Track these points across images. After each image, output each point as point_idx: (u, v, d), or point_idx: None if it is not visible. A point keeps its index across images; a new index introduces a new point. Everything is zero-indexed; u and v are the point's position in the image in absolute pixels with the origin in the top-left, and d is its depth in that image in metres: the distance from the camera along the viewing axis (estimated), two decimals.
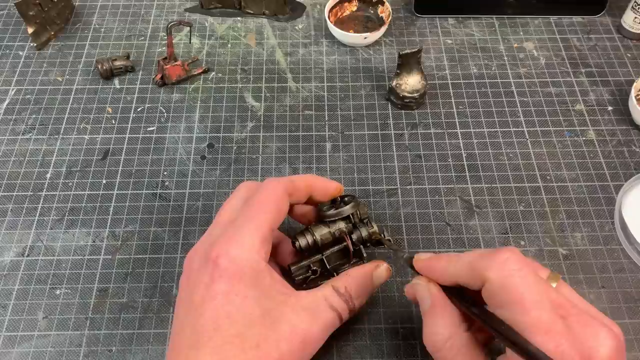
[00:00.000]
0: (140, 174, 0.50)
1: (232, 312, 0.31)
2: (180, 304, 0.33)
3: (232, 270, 0.31)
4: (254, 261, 0.32)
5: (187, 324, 0.31)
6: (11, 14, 0.64)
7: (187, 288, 0.33)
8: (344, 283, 0.36)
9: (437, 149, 0.52)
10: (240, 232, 0.33)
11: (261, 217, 0.34)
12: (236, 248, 0.32)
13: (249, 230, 0.33)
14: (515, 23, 0.63)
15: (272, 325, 0.31)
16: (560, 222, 0.47)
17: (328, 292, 0.35)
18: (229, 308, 0.31)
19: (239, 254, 0.32)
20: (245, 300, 0.31)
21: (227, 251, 0.32)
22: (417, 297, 0.34)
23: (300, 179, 0.38)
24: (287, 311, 0.32)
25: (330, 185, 0.39)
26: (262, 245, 0.33)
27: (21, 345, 0.41)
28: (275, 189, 0.36)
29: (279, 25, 0.63)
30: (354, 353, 0.40)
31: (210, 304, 0.31)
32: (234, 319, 0.30)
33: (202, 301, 0.31)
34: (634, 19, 0.59)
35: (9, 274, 0.44)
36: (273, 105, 0.55)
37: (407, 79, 0.53)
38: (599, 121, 0.54)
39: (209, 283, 0.31)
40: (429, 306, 0.32)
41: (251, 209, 0.34)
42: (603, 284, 0.44)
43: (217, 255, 0.32)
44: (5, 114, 0.54)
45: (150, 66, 0.59)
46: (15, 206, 0.48)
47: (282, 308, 0.32)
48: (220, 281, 0.31)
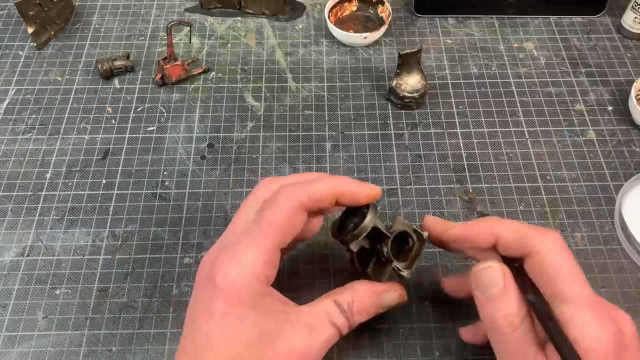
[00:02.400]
0: (140, 174, 0.50)
1: (227, 334, 0.30)
2: (189, 306, 0.33)
3: (229, 292, 0.31)
4: (253, 286, 0.31)
5: (187, 334, 0.32)
6: (11, 14, 0.64)
7: (195, 295, 0.33)
8: (347, 298, 0.34)
9: (437, 149, 0.52)
10: (243, 253, 0.32)
11: (267, 240, 0.32)
12: (235, 270, 0.31)
13: (252, 252, 0.32)
14: (515, 23, 0.63)
15: (270, 346, 0.31)
16: (560, 222, 0.47)
17: (330, 307, 0.34)
18: (224, 329, 0.30)
19: (237, 277, 0.31)
20: (242, 322, 0.30)
21: (226, 272, 0.31)
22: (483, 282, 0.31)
23: (323, 189, 0.33)
24: (286, 329, 0.32)
25: (362, 192, 0.34)
26: (265, 268, 0.32)
27: (21, 345, 0.41)
28: (289, 204, 0.33)
29: (279, 25, 0.63)
30: (354, 353, 0.40)
31: (208, 321, 0.30)
32: (229, 340, 0.30)
33: (201, 316, 0.31)
34: (634, 19, 0.59)
35: (9, 274, 0.44)
36: (273, 105, 0.55)
37: (407, 79, 0.53)
38: (599, 121, 0.54)
39: (208, 300, 0.31)
40: (501, 288, 0.30)
41: (259, 228, 0.32)
42: (603, 284, 0.44)
43: (216, 274, 0.31)
44: (5, 114, 0.54)
45: (150, 66, 0.59)
46: (15, 206, 0.48)
47: (281, 326, 0.32)
48: (217, 301, 0.30)
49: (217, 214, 0.48)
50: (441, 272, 0.44)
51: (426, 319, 0.42)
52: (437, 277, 0.44)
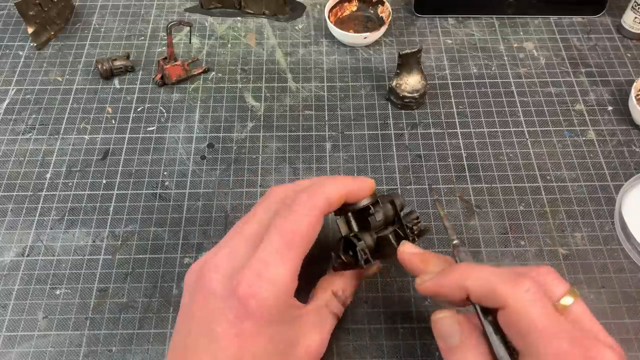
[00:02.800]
0: (140, 174, 0.50)
1: (257, 353, 0.30)
2: (193, 318, 0.31)
3: (261, 312, 0.30)
4: (282, 301, 0.31)
5: (205, 351, 0.30)
6: (11, 14, 0.64)
7: (205, 309, 0.31)
8: (341, 285, 0.36)
9: (437, 149, 0.52)
10: (273, 269, 0.30)
11: (293, 253, 0.31)
12: (268, 289, 0.30)
13: (281, 269, 0.31)
14: (515, 23, 0.63)
15: (291, 352, 0.32)
16: (560, 222, 0.47)
17: (329, 298, 0.35)
18: (254, 349, 0.30)
19: (270, 296, 0.30)
20: (271, 341, 0.31)
21: (258, 292, 0.30)
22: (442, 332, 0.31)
23: (336, 192, 0.34)
24: (302, 333, 0.33)
25: (364, 186, 0.35)
26: (293, 281, 0.31)
27: (21, 345, 0.41)
28: (311, 214, 0.32)
29: (279, 25, 0.63)
30: (354, 353, 0.40)
31: (235, 342, 0.30)
32: (257, 357, 0.30)
33: (225, 336, 0.30)
34: (634, 19, 0.59)
35: (9, 274, 0.44)
36: (273, 105, 0.55)
37: (407, 79, 0.53)
38: (599, 121, 0.54)
39: (235, 321, 0.30)
40: (457, 340, 0.30)
41: (282, 240, 0.31)
42: (603, 284, 0.44)
43: (246, 295, 0.30)
44: (5, 114, 0.54)
45: (150, 66, 0.59)
46: (15, 206, 0.48)
47: (297, 331, 0.32)
48: (247, 323, 0.30)
49: (217, 214, 0.48)
50: None
51: (426, 319, 0.42)
52: None
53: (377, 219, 0.36)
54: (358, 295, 0.43)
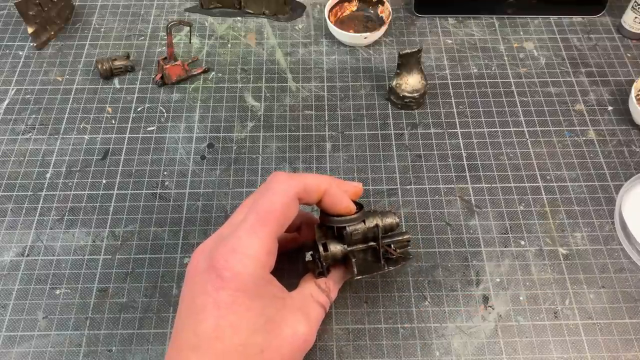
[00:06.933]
0: (140, 174, 0.50)
1: (235, 322, 0.31)
2: (183, 300, 0.33)
3: (235, 283, 0.31)
4: (258, 275, 0.32)
5: (188, 325, 0.32)
6: (11, 13, 0.64)
7: (191, 288, 0.33)
8: (324, 280, 0.38)
9: (437, 149, 0.52)
10: (245, 245, 0.32)
11: (267, 229, 0.33)
12: (240, 263, 0.32)
13: (254, 243, 0.32)
14: (515, 23, 0.63)
15: (275, 331, 0.32)
16: (560, 222, 0.47)
17: (313, 289, 0.37)
18: (232, 318, 0.31)
19: (243, 269, 0.32)
20: (249, 310, 0.31)
21: (232, 266, 0.31)
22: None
23: (314, 183, 0.36)
24: (287, 315, 0.33)
25: (342, 202, 0.37)
26: (267, 257, 0.33)
27: (21, 345, 0.41)
28: (284, 194, 0.34)
29: (279, 25, 0.63)
30: (354, 353, 0.40)
31: (213, 313, 0.31)
32: (237, 329, 0.31)
33: (204, 308, 0.31)
34: (634, 19, 0.59)
35: (9, 274, 0.44)
36: (273, 105, 0.55)
37: (407, 79, 0.53)
38: (599, 121, 0.54)
39: (212, 292, 0.31)
40: None
41: (257, 217, 0.33)
42: (603, 284, 0.44)
43: (222, 267, 0.31)
44: (5, 114, 0.54)
45: (150, 66, 0.59)
46: (15, 206, 0.48)
47: (282, 313, 0.33)
48: (223, 293, 0.31)
49: (217, 214, 0.48)
50: (441, 273, 0.44)
51: (426, 319, 0.42)
52: (437, 278, 0.44)
53: (351, 235, 0.37)
54: (358, 295, 0.43)
